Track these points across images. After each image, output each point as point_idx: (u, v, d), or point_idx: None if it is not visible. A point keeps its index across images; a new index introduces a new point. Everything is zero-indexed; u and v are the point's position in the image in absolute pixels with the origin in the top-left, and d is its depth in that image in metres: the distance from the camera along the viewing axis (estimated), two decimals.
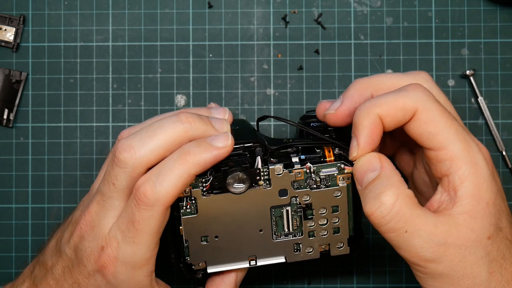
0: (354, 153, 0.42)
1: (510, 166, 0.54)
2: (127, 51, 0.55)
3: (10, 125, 0.54)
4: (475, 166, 0.40)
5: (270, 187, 0.44)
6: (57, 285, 0.44)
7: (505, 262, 0.40)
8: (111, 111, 0.54)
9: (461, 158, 0.40)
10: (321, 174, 0.44)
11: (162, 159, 0.42)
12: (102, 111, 0.55)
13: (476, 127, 0.54)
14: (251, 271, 0.50)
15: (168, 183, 0.41)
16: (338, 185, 0.44)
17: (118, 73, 0.55)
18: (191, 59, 0.55)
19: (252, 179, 0.43)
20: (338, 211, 0.45)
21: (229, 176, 0.42)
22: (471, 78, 0.54)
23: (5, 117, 0.54)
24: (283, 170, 0.44)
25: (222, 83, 0.55)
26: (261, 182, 0.44)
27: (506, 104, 0.54)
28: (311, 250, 0.45)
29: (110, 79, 0.55)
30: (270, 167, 0.43)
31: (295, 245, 0.45)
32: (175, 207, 0.44)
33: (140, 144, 0.42)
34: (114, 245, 0.42)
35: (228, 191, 0.43)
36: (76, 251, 0.44)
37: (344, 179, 0.44)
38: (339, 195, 0.44)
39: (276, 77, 0.55)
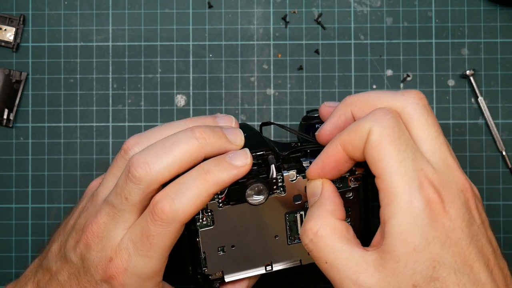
0: (307, 175, 0.42)
1: (510, 166, 0.54)
2: (127, 51, 0.55)
3: (10, 125, 0.54)
4: (408, 205, 0.37)
5: (284, 193, 0.44)
6: None
7: None
8: (111, 111, 0.54)
9: (394, 192, 0.37)
10: None
11: (177, 175, 0.42)
12: (102, 111, 0.55)
13: (476, 127, 0.54)
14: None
15: (186, 201, 0.41)
16: (350, 187, 0.44)
17: (118, 73, 0.55)
18: (191, 59, 0.55)
19: (269, 189, 0.43)
20: (350, 211, 0.45)
21: (249, 188, 0.42)
22: (471, 78, 0.54)
23: (5, 117, 0.54)
24: (297, 176, 0.43)
25: (222, 83, 0.55)
26: (277, 191, 0.44)
27: (506, 104, 0.54)
28: None
29: (110, 79, 0.55)
30: (284, 174, 0.43)
31: None
32: (191, 220, 0.43)
33: (155, 160, 0.41)
34: (125, 256, 0.42)
35: (245, 201, 0.43)
36: (83, 260, 0.43)
37: (355, 181, 0.44)
38: (351, 196, 0.44)
39: (276, 77, 0.55)
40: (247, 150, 0.42)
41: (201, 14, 0.55)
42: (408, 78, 0.54)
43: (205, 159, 0.42)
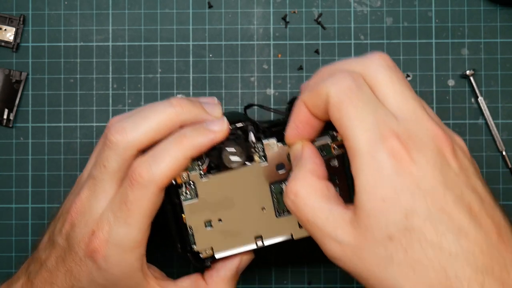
0: (286, 141, 0.43)
1: (510, 166, 0.54)
2: (127, 51, 0.55)
3: (10, 125, 0.54)
4: (371, 159, 0.36)
5: (266, 162, 0.44)
6: (51, 276, 0.44)
7: (421, 266, 0.35)
8: (111, 111, 0.54)
9: (358, 150, 0.37)
10: (315, 144, 0.44)
11: (154, 143, 0.42)
12: (102, 111, 0.55)
13: (476, 127, 0.54)
14: (254, 265, 0.50)
15: (163, 164, 0.41)
16: (334, 154, 0.44)
17: (118, 73, 0.55)
18: (191, 59, 0.55)
19: (247, 151, 0.43)
20: (337, 180, 0.44)
21: (226, 149, 0.43)
22: (471, 78, 0.54)
23: (5, 117, 0.54)
24: (278, 144, 0.44)
25: (222, 83, 0.55)
26: (257, 159, 0.44)
27: (506, 104, 0.54)
28: None
29: (110, 79, 0.55)
30: (264, 141, 0.44)
31: None
32: (175, 194, 0.44)
33: (132, 126, 0.42)
34: (106, 228, 0.42)
35: (225, 168, 0.43)
36: (68, 239, 0.44)
37: (338, 148, 0.44)
38: (336, 165, 0.44)
39: (276, 77, 0.55)
40: (224, 118, 0.44)
41: (201, 14, 0.55)
42: (408, 78, 0.54)
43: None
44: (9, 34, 0.54)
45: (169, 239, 0.45)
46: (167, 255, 0.54)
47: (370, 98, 0.38)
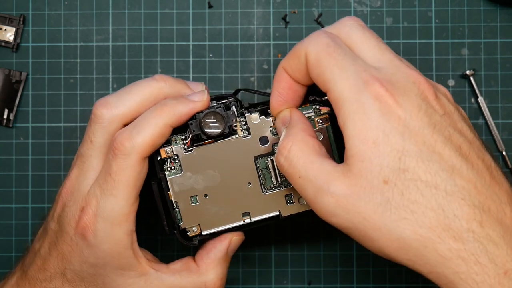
0: (271, 111, 0.44)
1: (510, 166, 0.54)
2: (127, 51, 0.55)
3: (10, 125, 0.54)
4: (357, 104, 0.37)
5: (249, 136, 0.45)
6: (44, 263, 0.44)
7: (418, 207, 0.35)
8: None
9: (343, 98, 0.37)
10: None
11: (138, 116, 0.43)
12: None
13: (476, 127, 0.54)
14: (251, 259, 0.50)
15: (144, 132, 0.42)
16: (317, 127, 0.44)
17: (118, 73, 0.55)
18: (191, 59, 0.55)
19: (228, 121, 0.44)
20: None
21: (204, 118, 0.44)
22: (471, 78, 0.54)
23: (5, 117, 0.54)
24: (260, 118, 0.45)
25: (222, 83, 0.55)
26: (240, 132, 0.44)
27: (506, 104, 0.54)
28: (304, 201, 0.45)
29: (110, 79, 0.55)
30: (246, 115, 0.45)
31: (286, 197, 0.45)
32: (161, 169, 0.44)
33: (116, 100, 0.44)
34: (94, 202, 0.42)
35: (207, 137, 0.44)
36: (59, 221, 0.44)
37: (323, 121, 0.44)
38: (321, 138, 0.45)
39: None
40: (205, 90, 0.45)
41: (201, 14, 0.55)
42: None
43: None
44: (9, 34, 0.54)
45: (158, 221, 0.46)
46: (151, 240, 0.54)
47: (347, 51, 0.39)
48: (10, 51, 0.55)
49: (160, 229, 0.53)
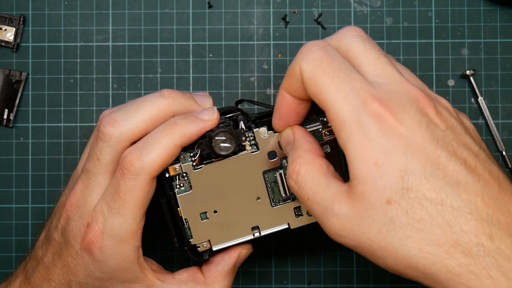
0: (274, 129, 0.43)
1: (510, 166, 0.54)
2: (127, 51, 0.55)
3: (10, 125, 0.54)
4: (356, 125, 0.36)
5: (258, 151, 0.44)
6: (48, 272, 0.44)
7: (424, 224, 0.35)
8: None
9: (341, 120, 0.36)
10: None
11: (146, 134, 0.43)
12: (102, 111, 0.54)
13: (476, 127, 0.54)
14: (252, 260, 0.50)
15: (154, 152, 0.41)
16: (325, 140, 0.44)
17: (118, 73, 0.55)
18: (191, 59, 0.55)
19: (237, 139, 0.44)
20: None
21: (215, 136, 0.43)
22: (471, 78, 0.54)
23: (5, 117, 0.54)
24: (268, 132, 0.44)
25: (222, 83, 0.55)
26: (248, 147, 0.44)
27: (506, 104, 0.54)
28: None
29: (110, 79, 0.55)
30: (254, 130, 0.44)
31: (295, 209, 0.45)
32: (170, 187, 0.44)
33: (124, 118, 0.43)
34: (101, 219, 0.42)
35: (216, 156, 0.44)
36: (64, 234, 0.44)
37: (330, 133, 0.44)
38: (328, 150, 0.45)
39: (276, 77, 0.55)
40: (214, 107, 0.44)
41: (201, 14, 0.55)
42: None
43: None
44: (9, 34, 0.54)
45: (167, 237, 0.45)
46: (168, 256, 0.54)
47: (342, 66, 0.38)
48: (10, 51, 0.55)
49: (161, 229, 0.53)
